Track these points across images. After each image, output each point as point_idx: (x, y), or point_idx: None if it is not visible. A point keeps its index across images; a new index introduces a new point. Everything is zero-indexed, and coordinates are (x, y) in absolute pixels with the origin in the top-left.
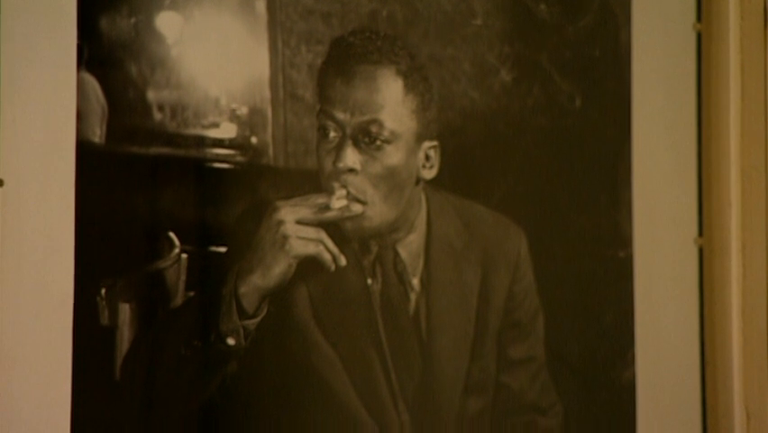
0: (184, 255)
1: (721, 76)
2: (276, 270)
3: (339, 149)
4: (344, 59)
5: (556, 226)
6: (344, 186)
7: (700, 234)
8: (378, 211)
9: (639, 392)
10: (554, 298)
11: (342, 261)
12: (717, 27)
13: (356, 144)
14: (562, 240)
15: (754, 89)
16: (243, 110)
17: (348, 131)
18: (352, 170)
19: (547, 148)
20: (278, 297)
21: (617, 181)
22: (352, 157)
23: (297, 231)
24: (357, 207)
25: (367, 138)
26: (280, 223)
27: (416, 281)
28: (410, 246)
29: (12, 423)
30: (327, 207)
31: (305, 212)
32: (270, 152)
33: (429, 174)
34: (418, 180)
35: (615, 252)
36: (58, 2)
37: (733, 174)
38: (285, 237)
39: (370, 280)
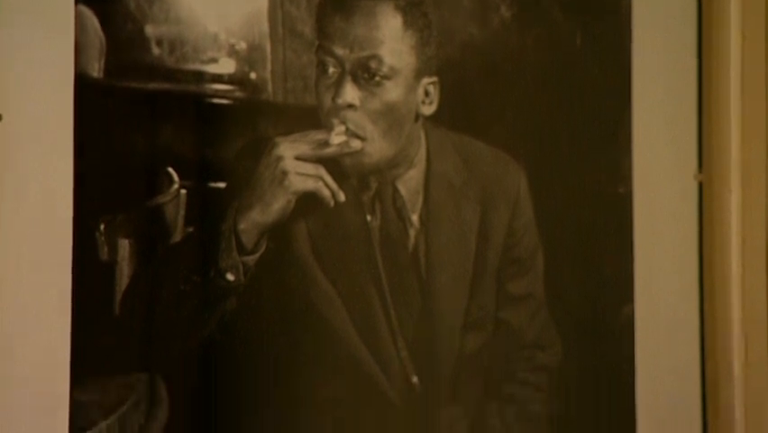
0: (183, 191)
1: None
2: (275, 206)
3: (338, 85)
4: None
5: (555, 163)
6: (343, 122)
7: (700, 169)
8: (377, 147)
9: (638, 330)
10: (554, 234)
11: (341, 197)
12: None
13: (355, 80)
14: (561, 176)
15: (755, 27)
16: (242, 45)
17: (347, 67)
18: (351, 106)
19: (547, 85)
20: (278, 233)
21: (617, 118)
22: (351, 93)
23: (296, 167)
24: (356, 144)
25: (366, 74)
26: (279, 159)
27: (415, 218)
28: (409, 183)
29: (11, 358)
30: (326, 144)
31: (304, 148)
32: (269, 87)
33: (428, 110)
34: (417, 117)
35: (614, 188)
36: None
37: (733, 109)
38: (284, 173)
39: (369, 217)
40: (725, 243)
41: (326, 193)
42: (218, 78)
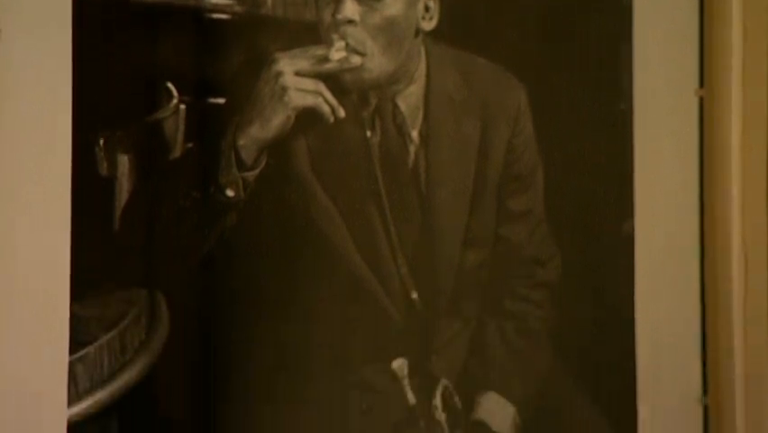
0: (182, 106)
1: None
2: (274, 121)
3: (338, 0)
4: None
5: (556, 79)
6: (343, 37)
7: (701, 85)
8: (377, 63)
9: (638, 244)
10: (554, 151)
11: (341, 113)
12: None
13: None
14: (561, 93)
15: None
16: None
17: None
18: (350, 22)
19: (548, 1)
20: (277, 149)
21: (618, 33)
22: (351, 8)
23: (295, 82)
24: (356, 59)
25: None
26: (279, 74)
27: (415, 134)
28: (409, 99)
29: (12, 273)
30: (326, 59)
31: (303, 63)
32: (269, 2)
33: (428, 25)
34: (417, 32)
35: (615, 105)
36: None
37: (734, 25)
38: (283, 89)
39: (368, 133)
40: (725, 158)
41: (326, 109)
42: None
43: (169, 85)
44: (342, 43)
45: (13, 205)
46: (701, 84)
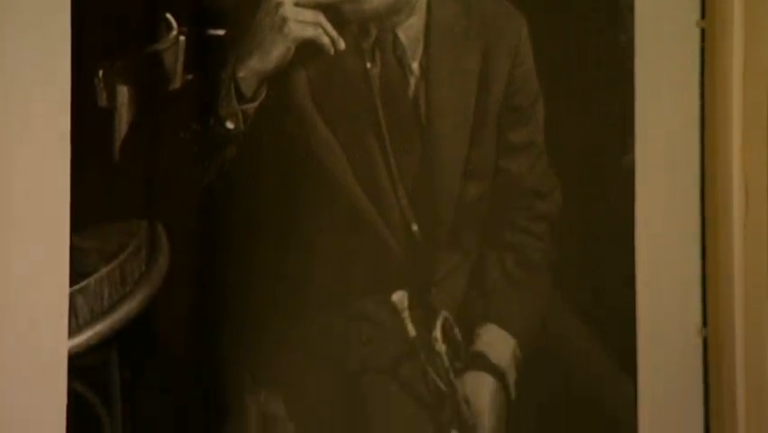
0: (182, 38)
1: None
2: (274, 53)
3: None
4: None
5: (556, 10)
6: None
7: (703, 16)
8: None
9: (638, 177)
10: (554, 83)
11: (341, 44)
12: None
13: None
14: (562, 24)
15: None
16: None
17: None
18: None
19: None
20: (277, 81)
21: None
22: None
23: (295, 13)
24: None
25: None
26: (279, 5)
27: (415, 66)
28: (410, 30)
29: (11, 204)
30: None
31: None
32: None
33: None
34: None
35: (615, 35)
36: None
37: None
38: (283, 20)
39: (369, 64)
40: (726, 90)
41: (326, 40)
42: None
43: (169, 16)
44: None
45: (12, 137)
46: (702, 15)
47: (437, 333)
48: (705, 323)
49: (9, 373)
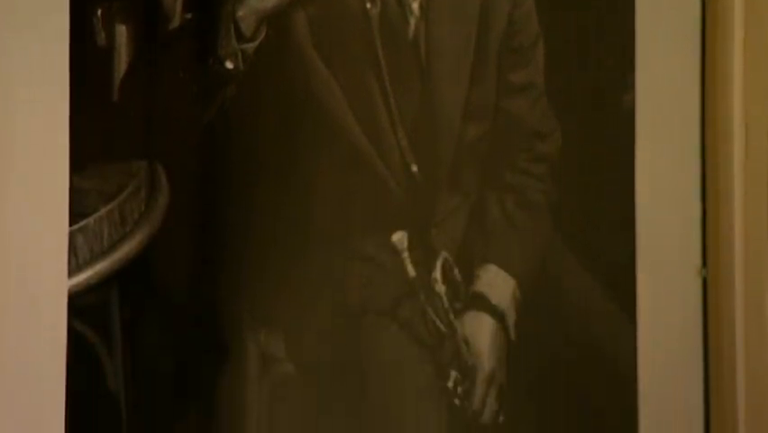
0: None
1: None
2: None
3: None
4: None
5: None
6: None
7: None
8: None
9: (638, 117)
10: (554, 23)
11: None
12: None
13: None
14: None
15: None
16: None
17: None
18: None
19: None
20: (277, 21)
21: None
22: None
23: None
24: None
25: None
26: None
27: (415, 6)
28: None
29: (11, 144)
30: None
31: None
32: None
33: None
34: None
35: None
36: None
37: None
38: None
39: (368, 5)
40: (727, 30)
41: None
42: None
43: None
44: None
45: (10, 77)
46: None
47: (437, 274)
48: (704, 263)
49: (9, 313)
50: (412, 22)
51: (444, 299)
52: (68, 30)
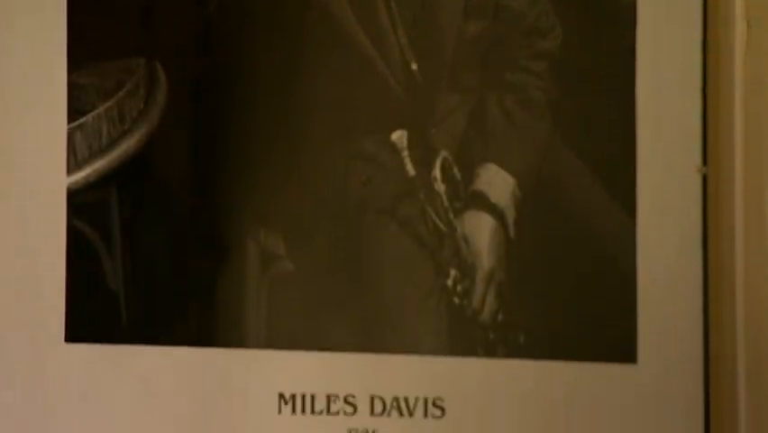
0: None
1: None
2: None
3: None
4: None
5: None
6: None
7: None
8: None
9: (639, 12)
10: None
11: None
12: None
13: None
14: None
15: None
16: None
17: None
18: None
19: None
20: None
21: None
22: None
23: None
24: None
25: None
26: None
27: None
28: None
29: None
30: None
31: None
32: None
33: None
34: None
35: None
36: None
37: None
38: None
39: None
40: None
41: None
42: None
43: None
44: None
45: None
46: None
47: (436, 172)
48: (705, 161)
49: (8, 210)
50: None
51: (444, 197)
52: None
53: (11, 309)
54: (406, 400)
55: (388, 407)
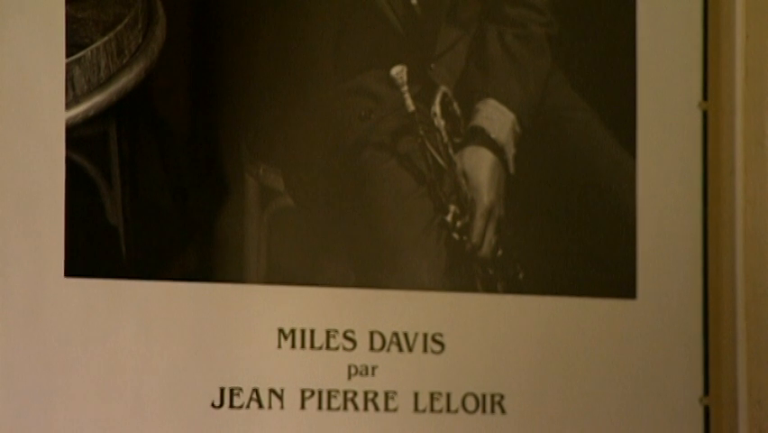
0: None
1: None
2: None
3: None
4: None
5: None
6: None
7: None
8: None
9: None
10: None
11: None
12: None
13: None
14: None
15: None
16: None
17: None
18: None
19: None
20: None
21: None
22: None
23: None
24: None
25: None
26: None
27: None
28: None
29: None
30: None
31: None
32: None
33: None
34: None
35: None
36: None
37: None
38: None
39: None
40: None
41: None
42: None
43: None
44: None
45: None
46: None
47: (436, 108)
48: (705, 97)
49: (7, 145)
50: None
51: (443, 133)
52: None
53: (11, 245)
54: (405, 335)
55: (387, 342)
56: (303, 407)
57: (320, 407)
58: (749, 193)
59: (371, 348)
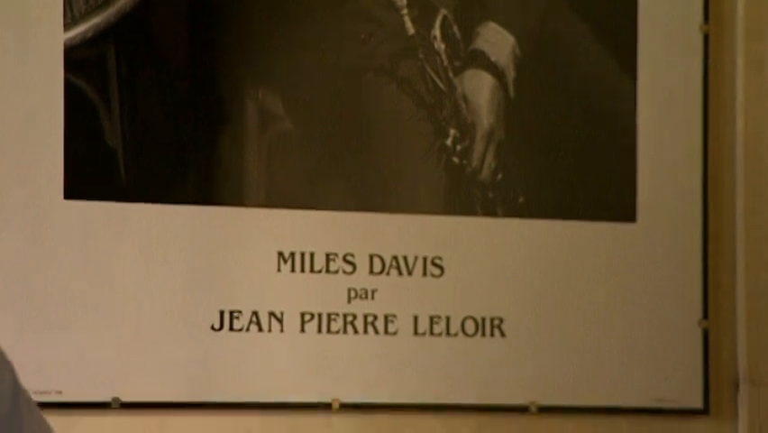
0: None
1: None
2: None
3: None
4: None
5: None
6: None
7: None
8: None
9: None
10: None
11: None
12: None
13: None
14: None
15: None
16: None
17: None
18: None
19: None
20: None
21: None
22: None
23: None
24: None
25: None
26: None
27: None
28: None
29: None
30: None
31: None
32: None
33: None
34: None
35: None
36: None
37: None
38: None
39: None
40: None
41: None
42: None
43: None
44: None
45: None
46: None
47: (436, 31)
48: (706, 18)
49: (5, 67)
50: None
51: (443, 56)
52: None
53: (10, 167)
54: (405, 258)
55: (386, 266)
56: (302, 330)
57: (320, 330)
58: (750, 113)
59: (371, 271)
